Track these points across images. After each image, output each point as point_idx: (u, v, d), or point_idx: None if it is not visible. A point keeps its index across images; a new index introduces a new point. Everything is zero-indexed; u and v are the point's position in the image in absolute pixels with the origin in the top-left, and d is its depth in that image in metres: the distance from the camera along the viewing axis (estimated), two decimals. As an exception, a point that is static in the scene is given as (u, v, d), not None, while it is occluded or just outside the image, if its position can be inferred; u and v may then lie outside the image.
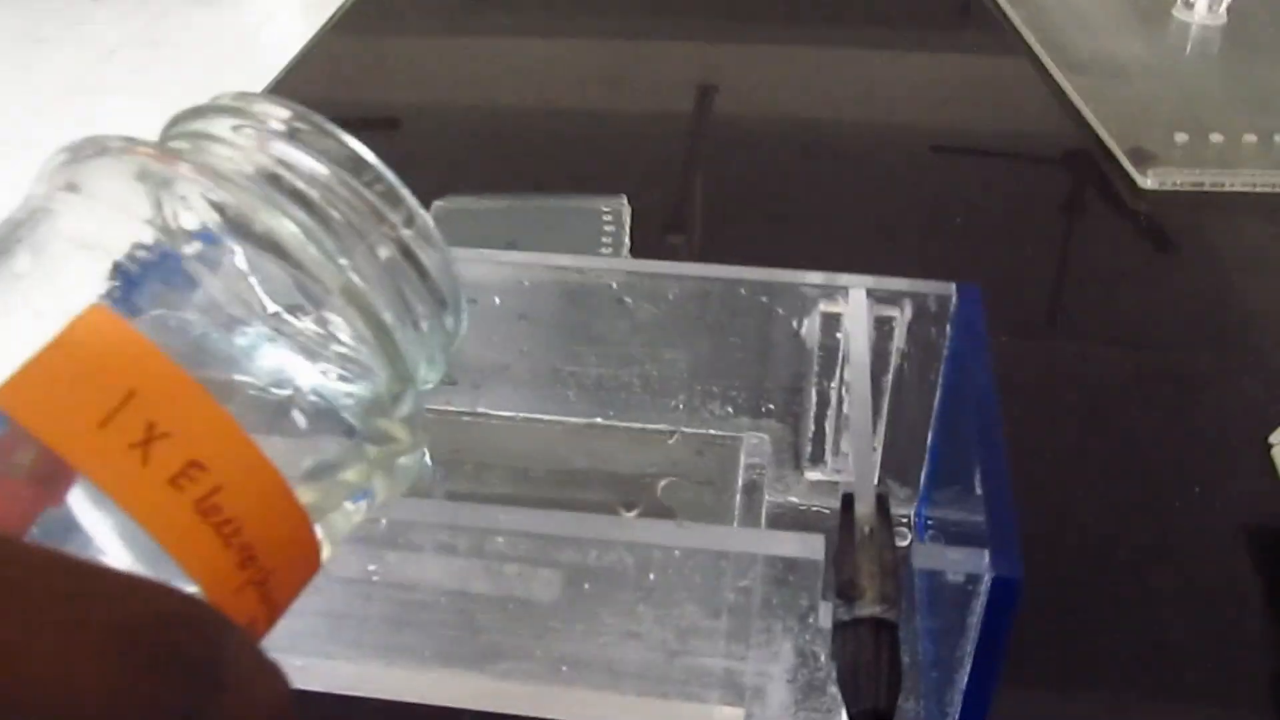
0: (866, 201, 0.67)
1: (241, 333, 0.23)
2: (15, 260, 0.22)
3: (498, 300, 0.40)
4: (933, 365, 0.38)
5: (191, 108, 0.26)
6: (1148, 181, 0.66)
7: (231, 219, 0.23)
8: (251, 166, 0.25)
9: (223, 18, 2.27)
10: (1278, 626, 0.41)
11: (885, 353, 0.38)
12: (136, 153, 0.23)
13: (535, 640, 0.32)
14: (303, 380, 0.23)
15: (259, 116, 0.25)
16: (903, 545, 0.28)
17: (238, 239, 0.23)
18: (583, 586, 0.31)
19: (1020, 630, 0.28)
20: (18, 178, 0.28)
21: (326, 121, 0.26)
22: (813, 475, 0.42)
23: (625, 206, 0.62)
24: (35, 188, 0.23)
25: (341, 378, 0.24)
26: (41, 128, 1.96)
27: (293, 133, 0.25)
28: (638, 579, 0.30)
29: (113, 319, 0.21)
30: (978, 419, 0.32)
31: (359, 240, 0.25)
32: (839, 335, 0.38)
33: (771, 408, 0.42)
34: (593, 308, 0.40)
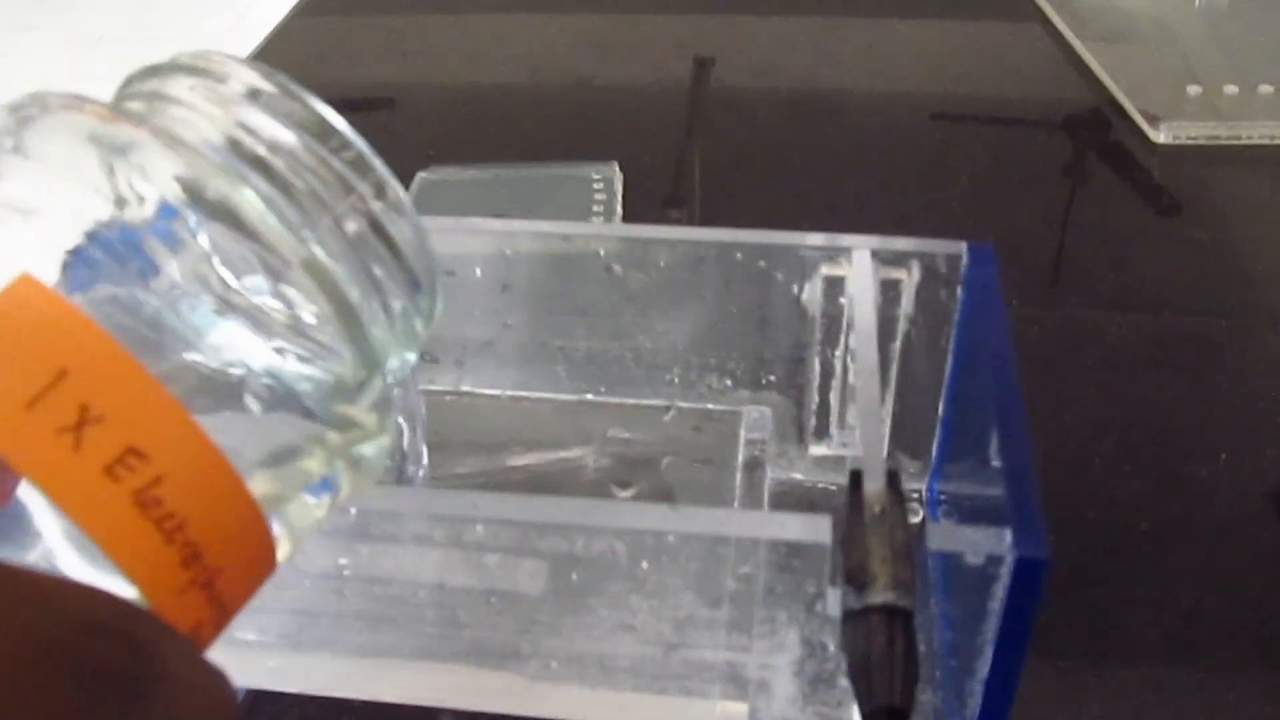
0: (872, 168, 0.65)
1: (192, 308, 0.21)
2: None
3: (478, 271, 0.38)
4: (943, 330, 0.36)
5: (148, 66, 0.24)
6: (1160, 136, 0.64)
7: (187, 186, 0.21)
8: (210, 130, 0.23)
9: (212, 4, 2.26)
10: (1314, 599, 0.39)
11: (892, 318, 0.36)
12: (85, 111, 0.21)
13: (521, 635, 0.30)
14: (257, 360, 0.21)
15: (220, 76, 0.24)
16: (915, 522, 0.26)
17: (192, 208, 0.21)
18: (571, 577, 0.29)
19: (1041, 609, 0.26)
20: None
21: (293, 82, 0.24)
22: (818, 450, 0.40)
23: (617, 173, 0.60)
24: None
25: (300, 358, 0.22)
26: (30, 116, 1.95)
27: (256, 94, 0.24)
28: (630, 568, 0.28)
29: (43, 290, 0.18)
30: (994, 386, 0.30)
31: (324, 211, 0.24)
32: (842, 300, 0.36)
33: (772, 379, 0.40)
34: (580, 277, 0.38)
